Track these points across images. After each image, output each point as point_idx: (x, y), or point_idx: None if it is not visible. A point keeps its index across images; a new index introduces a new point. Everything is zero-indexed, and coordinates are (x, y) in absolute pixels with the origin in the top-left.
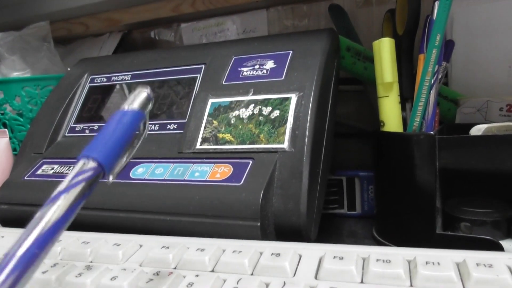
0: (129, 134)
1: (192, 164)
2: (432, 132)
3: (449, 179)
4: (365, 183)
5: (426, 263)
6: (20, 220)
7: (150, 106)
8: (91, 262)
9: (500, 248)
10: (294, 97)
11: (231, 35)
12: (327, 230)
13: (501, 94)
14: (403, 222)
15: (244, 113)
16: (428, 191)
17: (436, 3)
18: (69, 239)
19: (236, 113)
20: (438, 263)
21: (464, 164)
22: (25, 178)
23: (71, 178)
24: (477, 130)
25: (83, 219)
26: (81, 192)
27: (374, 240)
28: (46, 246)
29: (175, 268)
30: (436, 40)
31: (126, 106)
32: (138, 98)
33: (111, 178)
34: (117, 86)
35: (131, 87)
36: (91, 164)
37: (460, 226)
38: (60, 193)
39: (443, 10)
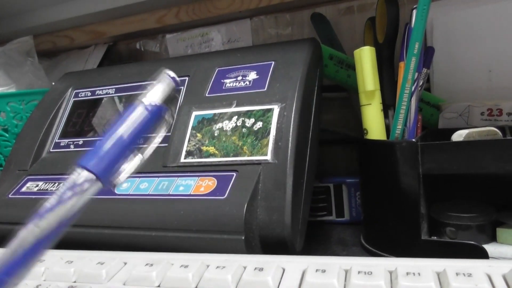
0: (137, 133)
1: (177, 178)
2: (414, 139)
3: (433, 184)
4: (352, 189)
5: (407, 273)
6: (4, 240)
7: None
8: (75, 282)
9: (483, 253)
10: (276, 108)
11: (216, 45)
12: (316, 238)
13: (482, 98)
14: (389, 228)
15: (228, 125)
16: (412, 197)
17: (414, 12)
18: (52, 259)
19: (219, 125)
20: (419, 274)
21: (447, 169)
22: (10, 196)
23: (61, 193)
24: (459, 135)
25: (67, 237)
26: (70, 208)
27: (362, 247)
28: (15, 273)
29: (158, 286)
30: (414, 48)
31: (142, 99)
32: (157, 88)
33: (115, 186)
34: (102, 100)
35: (118, 101)
36: (84, 174)
37: (445, 230)
38: (45, 211)
39: (421, 18)
